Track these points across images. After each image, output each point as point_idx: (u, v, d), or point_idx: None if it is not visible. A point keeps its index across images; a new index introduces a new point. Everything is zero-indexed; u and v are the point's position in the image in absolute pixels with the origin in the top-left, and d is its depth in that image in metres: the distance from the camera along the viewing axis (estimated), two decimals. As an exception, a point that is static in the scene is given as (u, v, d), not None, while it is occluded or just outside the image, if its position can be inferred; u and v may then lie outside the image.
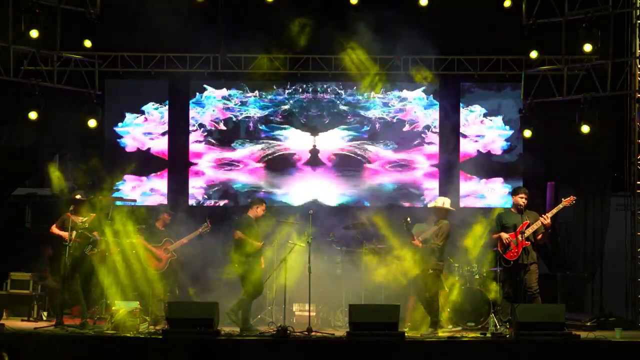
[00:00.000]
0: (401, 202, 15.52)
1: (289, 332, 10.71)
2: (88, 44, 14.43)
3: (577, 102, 13.74)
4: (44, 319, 12.70)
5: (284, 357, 10.30)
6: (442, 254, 11.69)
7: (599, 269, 14.21)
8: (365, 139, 15.61)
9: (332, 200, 15.56)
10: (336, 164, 15.61)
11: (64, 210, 11.93)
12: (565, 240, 14.83)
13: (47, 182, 14.57)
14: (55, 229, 11.75)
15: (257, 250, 11.85)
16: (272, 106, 15.65)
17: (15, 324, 11.82)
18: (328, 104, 15.68)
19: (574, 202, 11.21)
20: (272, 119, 15.64)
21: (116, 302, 11.48)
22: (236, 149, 15.60)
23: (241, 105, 15.63)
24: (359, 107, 15.65)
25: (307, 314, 11.71)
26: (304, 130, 15.63)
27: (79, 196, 11.90)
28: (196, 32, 13.97)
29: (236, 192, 15.57)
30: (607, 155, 14.26)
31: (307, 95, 15.69)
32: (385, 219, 13.08)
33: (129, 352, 10.17)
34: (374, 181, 15.60)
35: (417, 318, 12.02)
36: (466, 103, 15.64)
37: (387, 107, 15.64)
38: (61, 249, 11.57)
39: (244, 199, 15.45)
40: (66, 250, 11.36)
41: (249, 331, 11.34)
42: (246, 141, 15.60)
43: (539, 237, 11.15)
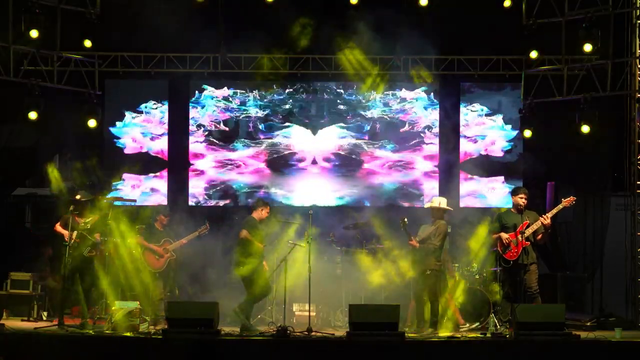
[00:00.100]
0: (401, 202, 15.52)
1: (289, 332, 10.70)
2: (88, 44, 14.46)
3: (577, 102, 13.73)
4: (44, 319, 12.70)
5: (284, 357, 10.30)
6: (440, 254, 11.67)
7: (599, 269, 14.20)
8: (365, 139, 15.61)
9: (332, 200, 15.56)
10: (336, 164, 15.61)
11: (63, 210, 11.93)
12: (565, 240, 14.83)
13: (46, 182, 14.57)
14: (59, 227, 11.77)
15: (261, 252, 11.86)
16: (272, 106, 15.65)
17: (15, 324, 11.81)
18: (328, 104, 15.68)
19: (574, 202, 11.19)
20: (272, 119, 15.64)
21: (116, 302, 11.47)
22: (236, 149, 15.60)
23: (241, 105, 15.63)
24: (359, 107, 15.65)
25: (307, 314, 11.71)
26: (304, 130, 15.63)
27: (79, 197, 11.90)
28: (196, 32, 13.96)
29: (236, 192, 15.57)
30: (607, 155, 14.24)
31: (307, 95, 15.69)
32: (385, 219, 13.09)
33: (129, 352, 10.16)
34: (374, 181, 15.59)
35: (420, 319, 12.00)
36: (466, 103, 15.64)
37: (387, 107, 15.63)
38: (61, 249, 11.57)
39: (244, 199, 15.47)
40: (66, 251, 11.37)
41: (249, 331, 11.33)
42: (246, 141, 15.60)
43: (539, 237, 11.14)
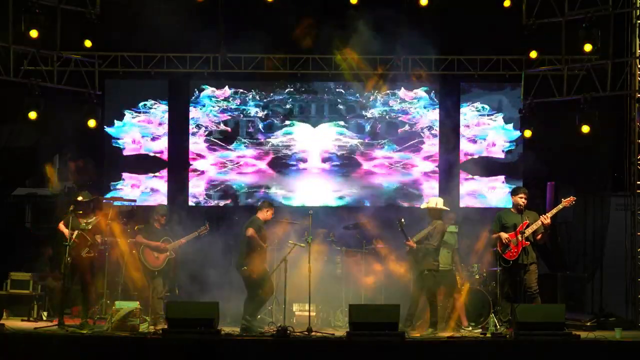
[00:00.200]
0: (401, 202, 15.51)
1: (289, 332, 10.71)
2: (88, 44, 14.45)
3: (577, 102, 13.73)
4: (44, 319, 12.69)
5: (284, 357, 10.30)
6: (437, 254, 11.70)
7: (599, 269, 14.18)
8: (365, 139, 15.60)
9: (332, 200, 15.55)
10: (336, 164, 15.60)
11: (64, 210, 11.92)
12: (565, 240, 14.82)
13: (45, 182, 14.58)
14: (62, 226, 11.77)
15: (264, 252, 11.88)
16: (272, 106, 15.64)
17: (15, 324, 11.82)
18: (328, 104, 15.67)
19: (573, 202, 11.19)
20: (272, 119, 15.63)
21: (116, 302, 11.47)
22: (236, 149, 15.60)
23: (241, 105, 15.63)
24: (359, 107, 15.65)
25: (307, 314, 11.71)
26: (304, 130, 15.63)
27: (81, 197, 11.90)
28: (196, 32, 13.96)
29: (236, 192, 15.57)
30: (607, 155, 14.23)
31: (307, 95, 15.69)
32: (385, 219, 13.09)
33: (129, 352, 10.17)
34: (374, 181, 15.59)
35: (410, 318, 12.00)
36: (466, 103, 15.63)
37: (387, 107, 15.63)
38: (61, 249, 11.57)
39: (243, 199, 15.47)
40: (66, 251, 11.36)
41: (249, 331, 11.34)
42: (246, 141, 15.60)
43: (539, 237, 11.13)
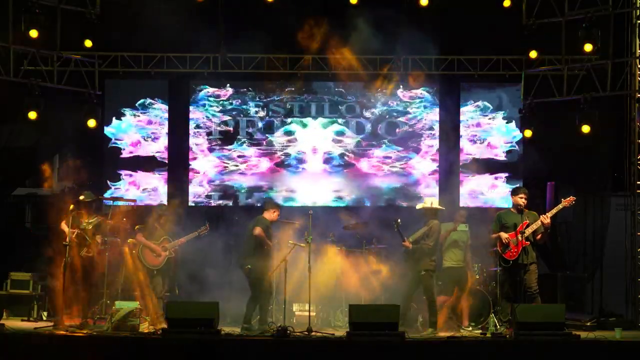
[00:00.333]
0: (401, 203, 15.51)
1: (289, 332, 10.71)
2: (88, 43, 14.46)
3: (577, 102, 13.73)
4: (44, 319, 12.69)
5: (284, 357, 10.30)
6: (434, 254, 11.71)
7: (599, 269, 14.18)
8: (365, 139, 15.60)
9: (332, 200, 15.55)
10: (336, 164, 15.60)
11: (66, 209, 11.92)
12: (565, 240, 14.81)
13: (44, 182, 14.58)
14: (64, 226, 11.77)
15: (270, 252, 11.90)
16: (272, 106, 15.64)
17: (15, 324, 11.82)
18: (328, 104, 15.67)
19: (573, 202, 11.18)
20: (272, 118, 15.63)
21: (116, 302, 11.47)
22: (236, 149, 15.60)
23: (241, 105, 15.63)
24: (359, 107, 15.64)
25: (307, 314, 11.71)
26: (304, 130, 15.63)
27: (83, 197, 11.90)
28: (196, 32, 13.96)
29: (236, 192, 15.57)
30: (607, 155, 14.22)
31: (307, 95, 15.69)
32: (385, 219, 13.08)
33: (129, 352, 10.17)
34: (374, 181, 15.59)
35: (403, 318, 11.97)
36: (466, 103, 15.63)
37: (387, 107, 15.63)
38: (61, 249, 11.57)
39: (243, 199, 15.47)
40: (66, 250, 11.36)
41: (249, 331, 11.34)
42: (246, 141, 15.60)
43: (539, 237, 11.12)
